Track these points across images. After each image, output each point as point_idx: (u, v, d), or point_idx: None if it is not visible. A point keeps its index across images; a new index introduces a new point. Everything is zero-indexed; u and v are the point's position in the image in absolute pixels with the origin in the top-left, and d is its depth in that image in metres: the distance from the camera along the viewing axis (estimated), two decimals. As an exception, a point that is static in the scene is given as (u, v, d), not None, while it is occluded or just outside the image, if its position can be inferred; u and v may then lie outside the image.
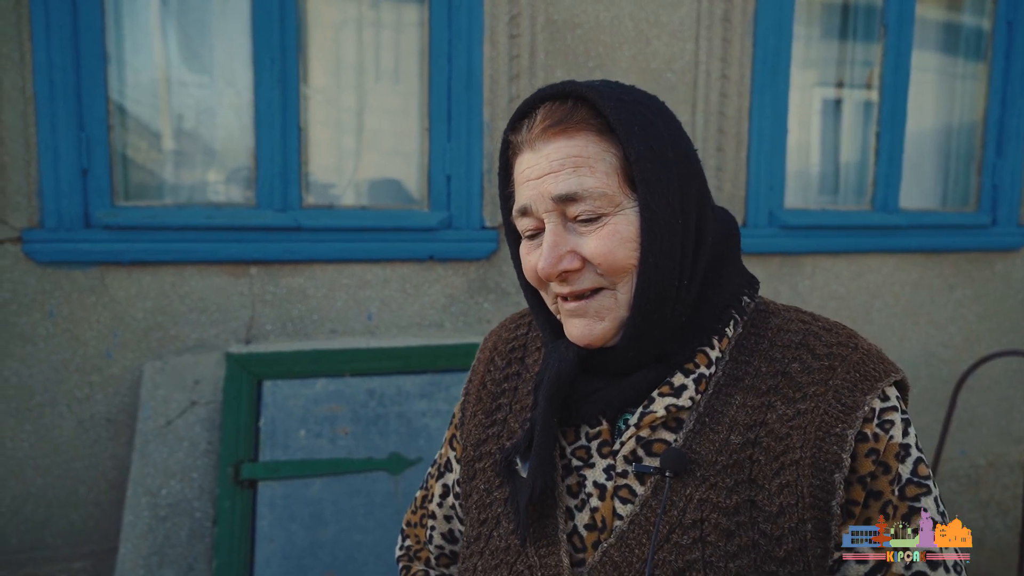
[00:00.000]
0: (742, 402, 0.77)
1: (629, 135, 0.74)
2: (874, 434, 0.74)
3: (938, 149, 3.25)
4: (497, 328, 1.02)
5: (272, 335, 2.34)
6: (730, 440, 0.75)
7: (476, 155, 2.46)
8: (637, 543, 0.75)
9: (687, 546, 0.73)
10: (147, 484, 2.05)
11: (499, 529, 0.85)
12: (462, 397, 1.00)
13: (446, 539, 1.03)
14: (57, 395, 2.16)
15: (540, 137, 0.76)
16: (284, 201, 2.33)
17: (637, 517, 0.76)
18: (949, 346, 3.12)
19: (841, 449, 0.72)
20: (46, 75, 2.06)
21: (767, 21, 2.69)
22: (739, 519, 0.73)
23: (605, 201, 0.74)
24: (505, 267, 2.53)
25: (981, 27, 3.18)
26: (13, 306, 2.11)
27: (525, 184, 0.78)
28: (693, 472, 0.75)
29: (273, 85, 2.29)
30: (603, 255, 0.75)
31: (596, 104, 0.75)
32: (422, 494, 1.07)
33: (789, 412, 0.75)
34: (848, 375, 0.75)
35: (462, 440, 0.95)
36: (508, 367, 0.94)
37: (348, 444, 2.15)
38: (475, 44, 2.41)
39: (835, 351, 0.78)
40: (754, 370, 0.79)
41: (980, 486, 3.17)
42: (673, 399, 0.78)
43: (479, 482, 0.90)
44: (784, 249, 2.82)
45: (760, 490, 0.73)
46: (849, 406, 0.73)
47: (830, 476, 0.72)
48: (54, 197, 2.10)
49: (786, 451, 0.73)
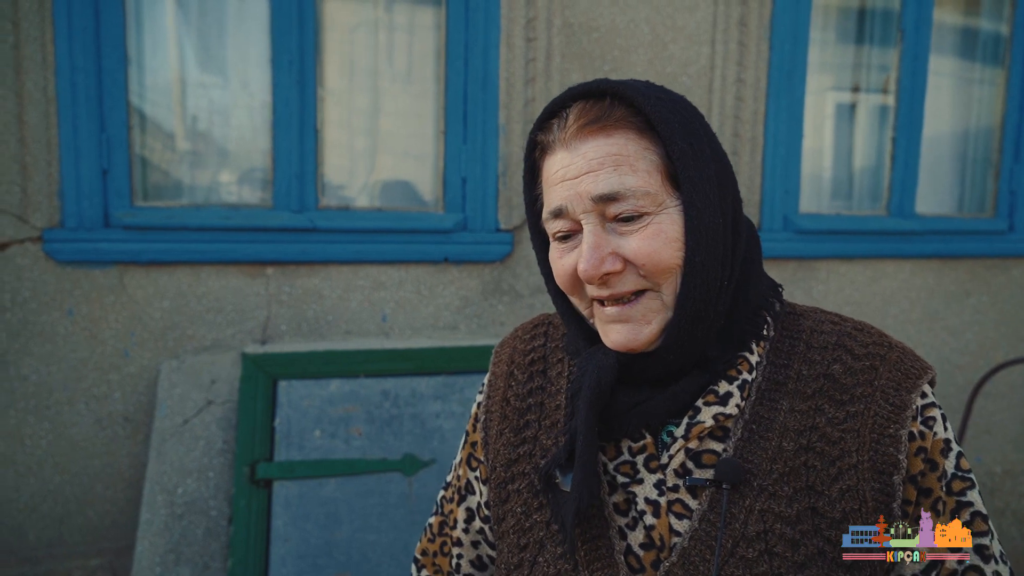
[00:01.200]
0: (789, 407, 0.76)
1: (671, 133, 0.72)
2: (920, 432, 0.74)
3: (955, 154, 3.23)
4: (509, 340, 0.97)
5: (287, 335, 2.35)
6: (783, 447, 0.74)
7: (491, 157, 2.46)
8: (701, 559, 0.73)
9: (753, 559, 0.71)
10: (164, 482, 2.06)
11: (544, 554, 0.81)
12: (479, 414, 0.95)
13: (475, 566, 0.98)
14: (75, 393, 2.18)
15: (576, 136, 0.74)
16: (300, 202, 2.35)
17: (697, 532, 0.74)
18: (965, 353, 3.10)
19: (897, 451, 0.72)
20: (68, 77, 2.09)
21: (783, 25, 2.69)
22: (803, 527, 0.71)
23: (648, 200, 0.72)
24: (520, 269, 2.54)
25: (999, 32, 3.16)
26: (33, 305, 2.13)
27: (560, 185, 0.75)
28: (750, 482, 0.73)
29: (291, 87, 2.31)
30: (647, 255, 0.72)
31: (635, 102, 0.73)
32: (439, 520, 1.01)
33: (839, 415, 0.74)
34: (891, 374, 0.75)
35: (489, 460, 0.90)
36: (531, 381, 0.90)
37: (362, 445, 2.16)
38: (491, 47, 2.42)
39: (873, 351, 0.77)
40: (795, 373, 0.78)
41: (996, 494, 3.14)
42: (720, 407, 0.76)
43: (514, 504, 0.85)
44: (799, 254, 2.81)
45: (820, 496, 0.72)
46: (898, 406, 0.73)
47: (890, 479, 0.72)
48: (75, 197, 2.12)
49: (842, 455, 0.72)
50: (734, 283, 0.77)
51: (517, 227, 2.51)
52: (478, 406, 0.96)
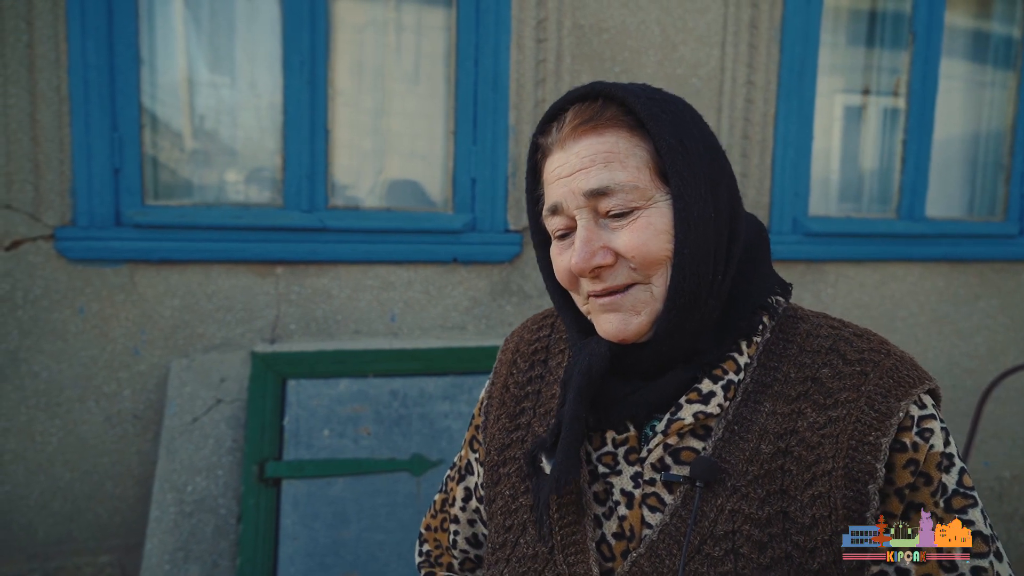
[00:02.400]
0: (772, 409, 0.76)
1: (660, 129, 0.74)
2: (913, 443, 0.71)
3: (965, 157, 3.22)
4: (518, 330, 1.00)
5: (296, 335, 2.36)
6: (760, 449, 0.74)
7: (501, 158, 2.46)
8: (667, 553, 0.74)
9: (719, 558, 0.72)
10: (173, 480, 2.07)
11: (525, 536, 0.83)
12: (484, 399, 0.98)
13: (470, 543, 1.02)
14: (86, 391, 2.19)
15: (570, 136, 0.77)
16: (311, 202, 2.35)
17: (667, 527, 0.75)
18: (974, 357, 3.08)
19: (875, 459, 0.70)
20: (81, 76, 2.10)
21: (794, 27, 2.68)
22: (772, 531, 0.72)
23: (637, 195, 0.74)
24: (528, 270, 2.54)
25: (1011, 35, 3.15)
26: (45, 302, 2.14)
27: (556, 183, 0.78)
28: (724, 482, 0.74)
29: (302, 88, 2.31)
30: (636, 247, 0.74)
31: (625, 101, 0.76)
32: (441, 497, 1.05)
33: (820, 420, 0.73)
34: (881, 381, 0.73)
35: (485, 443, 0.94)
36: (531, 369, 0.93)
37: (371, 444, 2.17)
38: (502, 48, 2.42)
39: (867, 356, 0.76)
40: (783, 376, 0.77)
41: (1004, 499, 3.13)
42: (701, 406, 0.76)
43: (504, 487, 0.88)
44: (808, 256, 2.81)
45: (792, 501, 0.72)
46: (883, 412, 0.71)
47: (864, 487, 0.70)
48: (86, 196, 2.13)
49: (818, 461, 0.72)
50: (729, 278, 0.78)
51: (526, 228, 2.51)
52: (485, 391, 1.00)
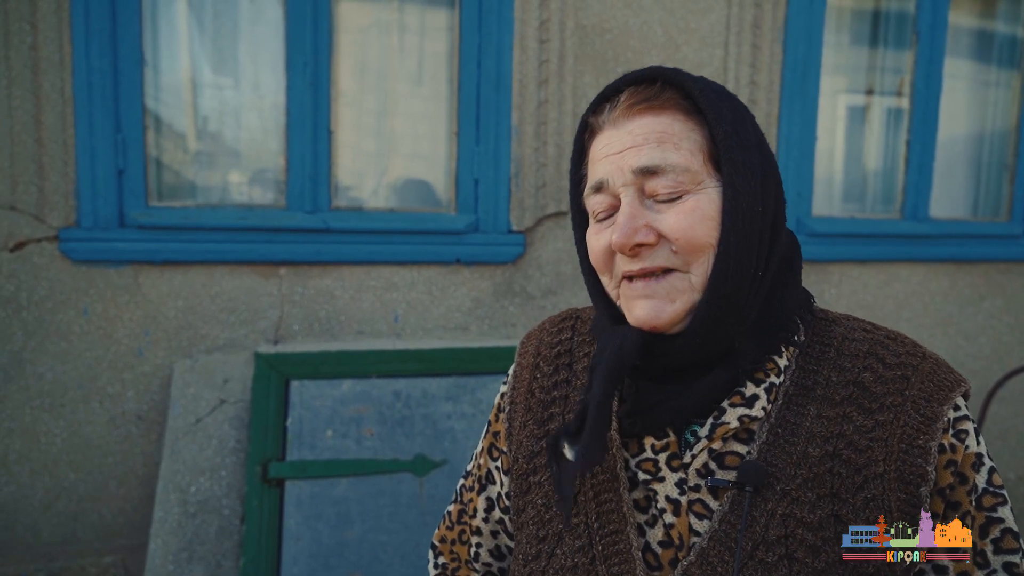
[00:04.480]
0: (817, 413, 0.75)
1: (718, 116, 0.73)
2: (951, 445, 0.73)
3: (969, 158, 3.21)
4: (536, 332, 0.97)
5: (300, 336, 2.36)
6: (808, 453, 0.73)
7: (504, 159, 2.46)
8: (719, 560, 0.73)
9: (773, 563, 0.71)
10: (177, 481, 2.07)
11: (562, 546, 0.81)
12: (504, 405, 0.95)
13: (494, 556, 0.99)
14: (90, 392, 2.20)
15: (624, 115, 0.76)
16: (314, 203, 2.36)
17: (717, 533, 0.74)
18: (979, 357, 3.07)
19: (926, 462, 0.71)
20: (85, 78, 2.10)
21: (797, 28, 2.68)
22: (824, 534, 0.71)
23: (688, 178, 0.73)
24: (531, 271, 2.54)
25: (1015, 34, 3.14)
26: (49, 304, 2.15)
27: (603, 160, 0.77)
28: (772, 486, 0.73)
29: (305, 89, 2.32)
30: (683, 230, 0.72)
31: (684, 85, 0.75)
32: (457, 508, 1.01)
33: (867, 423, 0.73)
34: (923, 385, 0.74)
35: (512, 451, 0.91)
36: (556, 374, 0.90)
37: (374, 445, 2.17)
38: (505, 49, 2.43)
39: (905, 360, 0.76)
40: (824, 380, 0.77)
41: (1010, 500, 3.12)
42: (746, 409, 0.75)
43: (535, 496, 0.86)
44: (811, 257, 2.80)
45: (844, 504, 0.72)
46: (929, 417, 0.73)
47: (916, 490, 0.71)
48: (90, 197, 2.14)
49: (868, 464, 0.72)
50: (768, 278, 0.77)
51: (529, 229, 2.51)
52: (502, 396, 0.97)
